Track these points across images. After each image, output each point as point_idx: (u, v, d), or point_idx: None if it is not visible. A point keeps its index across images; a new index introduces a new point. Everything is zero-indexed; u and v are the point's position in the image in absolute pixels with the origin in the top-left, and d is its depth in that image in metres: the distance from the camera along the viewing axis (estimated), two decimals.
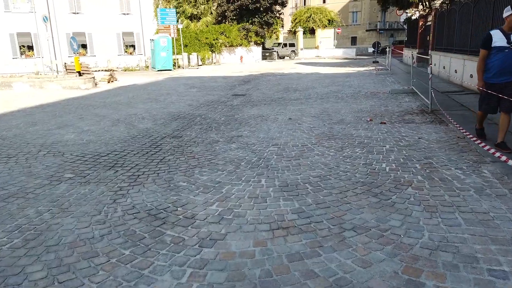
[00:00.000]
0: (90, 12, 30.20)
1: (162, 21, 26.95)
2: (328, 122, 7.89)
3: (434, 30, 17.15)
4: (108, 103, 11.66)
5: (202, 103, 11.36)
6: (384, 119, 7.85)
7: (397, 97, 10.83)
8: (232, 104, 11.14)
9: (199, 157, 5.74)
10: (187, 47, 32.74)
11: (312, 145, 6.15)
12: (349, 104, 10.15)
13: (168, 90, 14.81)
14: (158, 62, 25.72)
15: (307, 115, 8.80)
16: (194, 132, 7.56)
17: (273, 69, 25.86)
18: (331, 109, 9.50)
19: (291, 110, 9.66)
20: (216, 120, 8.76)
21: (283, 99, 11.61)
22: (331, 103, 10.38)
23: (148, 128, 7.98)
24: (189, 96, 12.96)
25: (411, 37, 24.37)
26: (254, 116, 9.00)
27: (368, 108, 9.39)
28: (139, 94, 13.83)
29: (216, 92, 14.09)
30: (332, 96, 11.83)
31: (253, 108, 10.26)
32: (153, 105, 11.12)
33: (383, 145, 5.89)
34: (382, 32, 58.54)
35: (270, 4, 36.26)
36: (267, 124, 8.06)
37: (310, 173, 4.76)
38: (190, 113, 9.77)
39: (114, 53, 31.19)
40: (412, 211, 3.53)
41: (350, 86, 14.07)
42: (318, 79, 17.70)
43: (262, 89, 14.59)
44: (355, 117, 8.28)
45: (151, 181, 4.76)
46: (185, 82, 18.18)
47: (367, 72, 20.54)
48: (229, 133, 7.31)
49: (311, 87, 14.55)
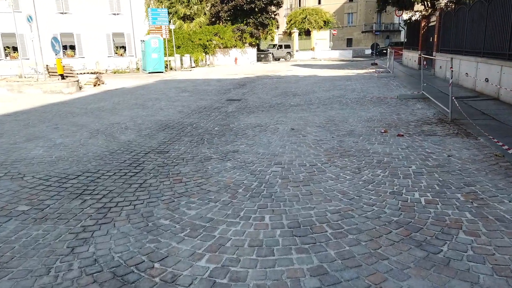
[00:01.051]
0: (79, 12, 29.03)
1: (154, 21, 25.88)
2: (336, 134, 6.92)
3: (439, 30, 16.31)
4: (90, 109, 10.60)
5: (193, 110, 10.35)
6: (400, 131, 6.90)
7: (407, 103, 9.90)
8: (226, 110, 10.15)
9: (187, 181, 4.74)
10: (180, 48, 31.67)
11: (322, 164, 5.17)
12: (356, 111, 9.20)
13: (157, 95, 13.78)
14: (149, 64, 24.64)
15: (311, 125, 7.83)
16: (183, 145, 6.55)
17: (269, 71, 24.91)
18: (337, 117, 8.54)
19: (293, 118, 8.69)
20: (209, 130, 7.76)
21: (282, 105, 10.64)
22: (336, 110, 9.43)
23: (130, 141, 6.95)
24: (180, 102, 11.94)
25: (411, 39, 23.56)
26: (251, 126, 8.01)
27: (378, 116, 8.45)
28: (126, 99, 12.78)
29: (209, 96, 13.09)
30: (336, 101, 10.88)
31: (250, 115, 9.28)
32: (140, 112, 10.09)
33: (408, 165, 4.93)
34: (378, 33, 57.86)
35: (265, 4, 35.34)
36: (266, 135, 7.08)
37: (326, 206, 3.78)
38: (180, 121, 8.76)
39: (104, 54, 30.03)
40: (478, 275, 2.56)
41: (353, 91, 13.14)
42: (317, 82, 16.76)
43: (259, 93, 13.62)
44: (366, 128, 7.32)
45: (125, 217, 3.75)
46: (176, 85, 17.15)
47: (368, 74, 19.66)
48: (223, 147, 6.32)
49: (311, 91, 13.60)
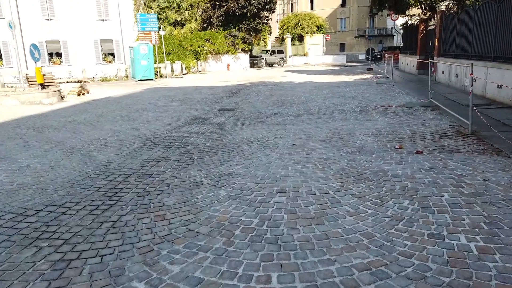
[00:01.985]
0: (65, 18, 28.01)
1: (143, 27, 24.98)
2: (345, 151, 6.08)
3: (440, 34, 15.65)
4: (69, 123, 9.66)
5: (183, 122, 9.47)
6: (417, 146, 6.08)
7: (416, 113, 9.12)
8: (219, 122, 9.29)
9: (171, 217, 3.86)
10: (171, 55, 30.79)
11: (335, 192, 4.31)
12: (361, 122, 8.38)
13: (145, 104, 12.87)
14: (138, 71, 23.72)
15: (315, 139, 6.99)
16: (169, 166, 5.67)
17: (262, 77, 24.13)
18: (341, 129, 7.72)
19: (293, 131, 7.84)
20: (199, 146, 6.88)
21: (280, 115, 9.80)
22: (339, 121, 8.61)
23: (109, 162, 6.04)
24: (169, 112, 11.05)
25: (408, 43, 22.96)
26: (247, 140, 7.15)
27: (387, 128, 7.64)
28: (110, 110, 11.85)
29: (200, 106, 12.21)
30: (337, 111, 10.07)
31: (245, 128, 8.42)
32: (124, 125, 9.17)
33: (439, 193, 4.10)
34: (371, 38, 57.57)
35: (258, 9, 34.62)
36: (265, 152, 6.22)
37: (351, 258, 2.91)
38: (167, 135, 7.87)
39: (92, 62, 28.99)
40: None
41: (354, 98, 12.35)
42: (315, 89, 15.98)
43: (254, 101, 12.78)
44: (377, 143, 6.49)
45: (86, 277, 2.85)
46: (166, 93, 16.25)
47: (366, 80, 18.95)
48: (216, 169, 5.44)
49: (309, 99, 12.79)
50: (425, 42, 19.32)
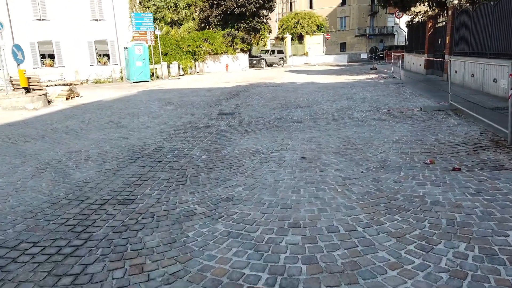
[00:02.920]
0: (57, 18, 27.03)
1: (137, 27, 24.03)
2: (365, 166, 5.14)
3: (452, 31, 14.73)
4: (50, 131, 8.71)
5: (177, 129, 8.53)
6: (450, 160, 5.14)
7: (437, 117, 8.18)
8: (217, 129, 8.35)
9: (151, 270, 2.91)
10: (167, 55, 29.84)
11: (364, 228, 3.37)
12: (376, 129, 7.44)
13: (138, 109, 11.92)
14: (133, 72, 22.77)
15: (327, 151, 6.05)
16: (157, 188, 4.73)
17: (262, 78, 23.19)
18: (356, 138, 6.78)
19: (300, 140, 6.91)
20: (193, 160, 5.95)
21: (284, 121, 8.87)
22: (351, 128, 7.67)
23: (86, 181, 5.10)
24: (162, 118, 10.11)
25: (415, 41, 22.02)
26: (249, 152, 6.21)
27: (409, 136, 6.70)
28: (99, 115, 10.90)
29: (197, 110, 11.27)
30: (347, 115, 9.13)
31: (246, 136, 7.49)
32: (111, 134, 8.23)
33: (501, 232, 3.16)
34: (371, 37, 56.64)
35: (257, 8, 33.69)
36: (270, 168, 5.28)
37: None
38: (158, 146, 6.93)
39: (86, 63, 28.00)
40: None
41: (363, 101, 11.42)
42: (318, 90, 15.05)
43: (254, 105, 11.84)
44: (401, 155, 5.56)
45: None
46: (161, 96, 15.31)
47: (372, 81, 18.02)
48: (212, 191, 4.51)
49: (315, 101, 11.85)
50: (433, 40, 18.39)
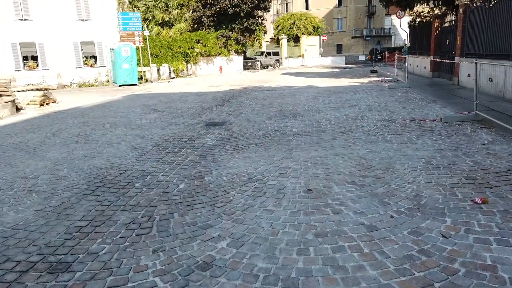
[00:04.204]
0: (41, 18, 25.58)
1: (125, 27, 22.65)
2: (394, 206, 3.84)
3: (463, 31, 13.53)
4: (3, 147, 7.33)
5: (157, 143, 7.21)
6: (507, 197, 3.86)
7: (464, 131, 6.91)
8: (203, 144, 7.04)
9: None
10: (158, 57, 28.48)
11: None
12: (395, 146, 6.16)
13: (116, 117, 10.58)
14: (119, 75, 21.38)
15: (338, 179, 4.76)
16: (109, 241, 3.41)
17: (258, 81, 21.90)
18: (373, 160, 5.49)
19: (302, 161, 5.61)
20: (168, 191, 4.63)
21: (282, 134, 7.57)
22: (363, 144, 6.38)
23: (16, 228, 3.76)
24: (141, 129, 8.78)
25: (418, 42, 20.84)
26: (239, 179, 4.91)
27: (438, 157, 5.42)
28: (70, 126, 9.53)
29: (183, 119, 9.95)
30: (356, 127, 7.85)
31: (237, 154, 6.18)
32: (75, 151, 6.88)
33: None
34: (369, 39, 55.65)
35: (251, 8, 32.42)
36: (266, 207, 3.98)
37: None
38: (128, 169, 5.61)
39: (71, 65, 26.53)
40: None
41: (370, 108, 10.15)
42: (318, 95, 13.78)
43: (248, 112, 10.55)
44: (437, 188, 4.26)
45: None
46: (146, 102, 13.97)
47: (374, 84, 16.79)
48: (185, 247, 3.19)
49: (315, 109, 10.57)
50: (440, 41, 17.20)
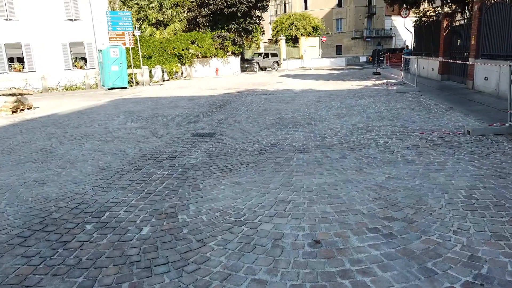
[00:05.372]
0: (27, 18, 24.34)
1: (114, 27, 21.42)
2: (444, 280, 2.62)
3: (479, 30, 12.34)
4: None
5: (129, 162, 5.98)
6: None
7: (502, 148, 5.69)
8: (185, 163, 5.82)
9: None
10: (151, 59, 27.23)
11: None
12: (420, 169, 4.94)
13: (92, 127, 9.34)
14: (108, 78, 20.15)
15: (355, 222, 3.53)
16: None
17: (255, 84, 20.69)
18: (396, 191, 4.26)
19: (306, 190, 4.38)
20: (125, 239, 3.40)
21: (280, 149, 6.35)
22: (379, 165, 5.16)
23: None
24: (117, 142, 7.55)
25: (424, 43, 19.65)
26: (222, 220, 3.68)
27: (480, 187, 4.20)
28: (36, 137, 8.29)
29: (168, 128, 8.74)
30: (366, 141, 6.63)
31: (224, 179, 4.95)
32: (27, 173, 5.64)
33: None
34: (369, 40, 54.54)
35: (249, 8, 31.23)
36: (255, 275, 2.76)
37: None
38: (83, 202, 4.37)
39: (60, 67, 25.26)
40: None
41: (380, 116, 8.94)
42: (320, 100, 12.57)
43: (242, 121, 9.33)
44: (496, 242, 3.05)
45: None
46: (132, 107, 12.74)
47: (380, 88, 15.59)
48: None
49: (318, 117, 9.36)
50: (449, 41, 16.02)
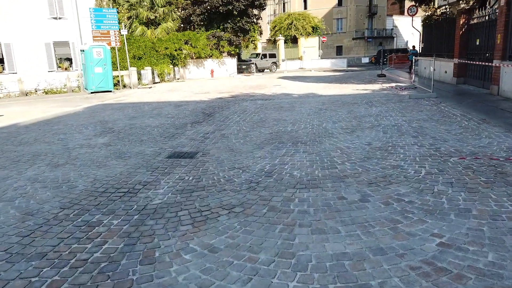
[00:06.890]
0: (7, 17, 22.71)
1: (98, 25, 19.77)
2: None
3: (506, 27, 10.75)
4: None
5: (70, 203, 4.34)
6: None
7: None
8: (147, 203, 4.19)
9: None
10: (141, 60, 25.62)
11: None
12: (483, 226, 3.33)
13: (49, 143, 7.70)
14: (91, 81, 18.49)
15: None
16: None
17: (251, 87, 19.06)
18: (461, 277, 2.65)
19: (316, 267, 2.75)
20: None
21: (276, 181, 4.72)
22: (423, 221, 3.53)
23: None
24: (70, 165, 5.91)
25: (436, 43, 18.07)
26: None
27: None
28: None
29: (139, 146, 7.10)
30: (391, 170, 5.00)
31: (194, 238, 3.32)
32: None
33: None
34: (370, 40, 53.00)
35: (245, 6, 29.61)
36: None
37: None
38: None
39: (43, 68, 23.65)
40: None
41: (400, 131, 7.32)
42: (323, 108, 10.95)
43: (231, 136, 7.70)
44: None
45: None
46: (108, 116, 11.10)
47: (389, 92, 13.98)
48: None
49: (323, 131, 7.73)
50: (467, 40, 14.43)
